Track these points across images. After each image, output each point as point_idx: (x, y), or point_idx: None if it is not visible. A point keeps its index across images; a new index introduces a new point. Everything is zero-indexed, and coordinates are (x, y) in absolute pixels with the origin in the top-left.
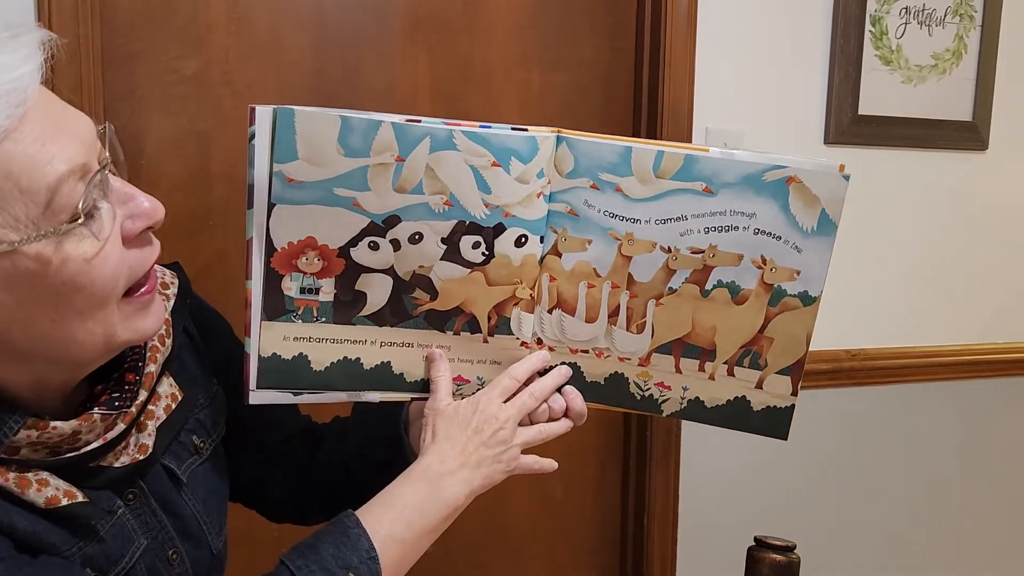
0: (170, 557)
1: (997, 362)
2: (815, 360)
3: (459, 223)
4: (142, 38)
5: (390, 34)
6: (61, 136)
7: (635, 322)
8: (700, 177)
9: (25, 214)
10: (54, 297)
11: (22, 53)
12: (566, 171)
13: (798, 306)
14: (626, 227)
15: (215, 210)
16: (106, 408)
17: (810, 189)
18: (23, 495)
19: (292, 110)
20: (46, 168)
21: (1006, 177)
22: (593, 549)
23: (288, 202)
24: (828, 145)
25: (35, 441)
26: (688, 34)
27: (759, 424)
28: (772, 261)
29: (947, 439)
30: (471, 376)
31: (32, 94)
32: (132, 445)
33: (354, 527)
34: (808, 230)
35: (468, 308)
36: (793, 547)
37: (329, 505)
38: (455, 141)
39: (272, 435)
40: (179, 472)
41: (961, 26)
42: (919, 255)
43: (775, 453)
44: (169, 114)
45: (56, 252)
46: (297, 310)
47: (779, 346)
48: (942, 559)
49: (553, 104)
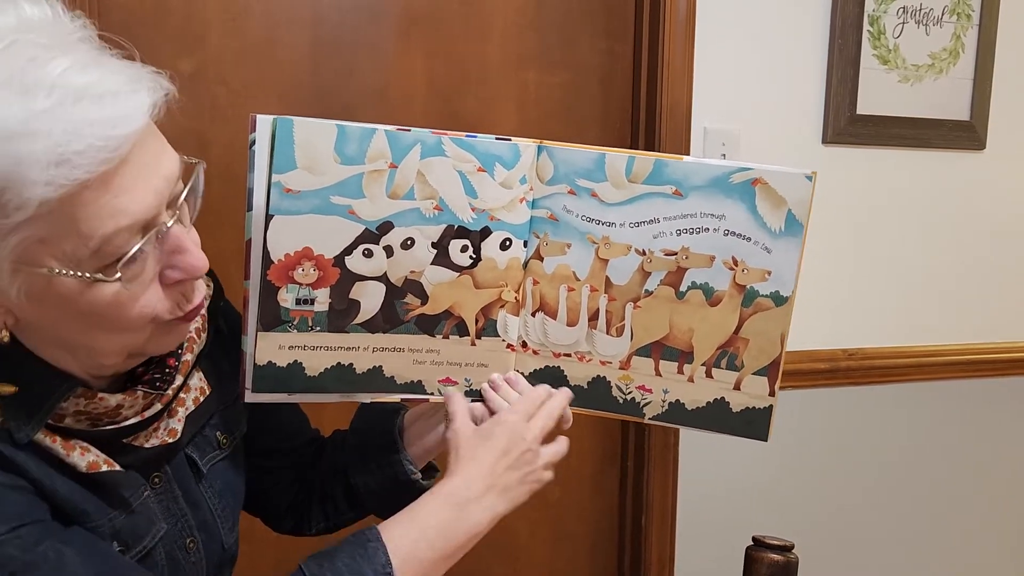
0: (187, 545)
1: (995, 361)
2: (813, 360)
3: (448, 227)
4: (138, 38)
5: (386, 34)
6: (138, 188)
7: (614, 325)
8: (670, 180)
9: (73, 251)
10: (82, 318)
11: (127, 108)
12: (546, 178)
13: (771, 307)
14: (602, 231)
15: (213, 210)
16: (148, 387)
17: (776, 190)
18: (67, 457)
19: (291, 120)
20: (108, 220)
21: (1004, 176)
22: (591, 550)
23: (286, 212)
24: (826, 145)
25: (81, 410)
26: (686, 34)
27: (739, 425)
28: (743, 262)
29: (945, 439)
30: (459, 378)
31: (122, 153)
32: (162, 429)
33: (373, 540)
34: (776, 231)
35: (457, 311)
36: (791, 547)
37: (328, 515)
38: (444, 147)
39: (284, 442)
40: (201, 464)
41: (958, 26)
42: (917, 255)
43: (773, 453)
44: (165, 113)
45: (87, 289)
46: (293, 320)
47: (755, 347)
48: (941, 559)
49: (551, 105)
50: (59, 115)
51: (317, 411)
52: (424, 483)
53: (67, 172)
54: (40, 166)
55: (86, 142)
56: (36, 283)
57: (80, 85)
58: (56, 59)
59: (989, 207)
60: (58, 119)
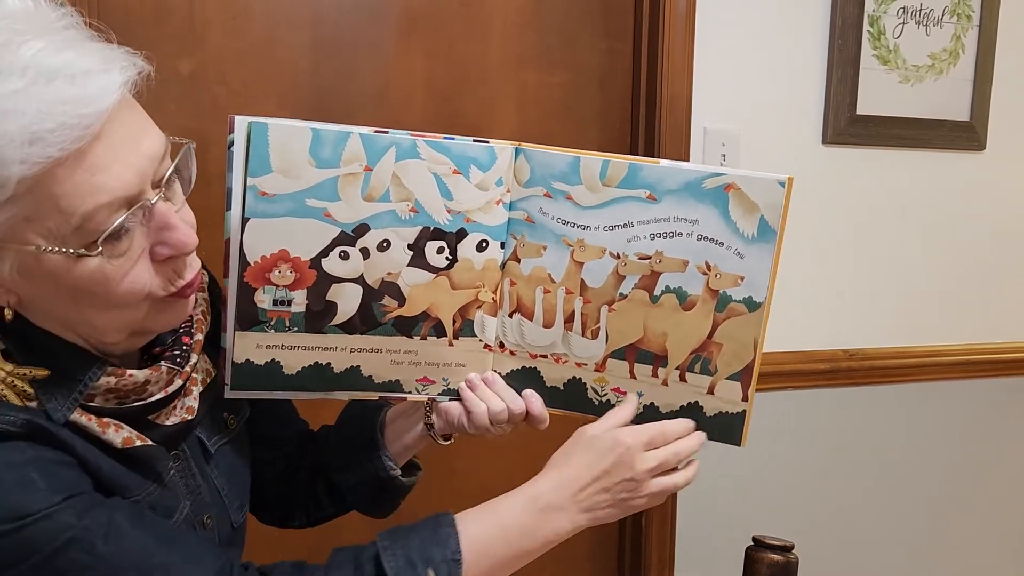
0: (204, 521)
1: (995, 362)
2: (813, 360)
3: (424, 229)
4: (138, 37)
5: (386, 34)
6: (116, 165)
7: (589, 327)
8: (644, 184)
9: (56, 228)
10: (72, 293)
11: (98, 86)
12: (524, 180)
13: (744, 312)
14: (577, 233)
15: (212, 209)
16: (170, 363)
17: (748, 196)
18: (103, 435)
19: (266, 124)
20: (87, 198)
21: (1004, 177)
22: (591, 550)
23: (261, 215)
24: (826, 145)
25: (112, 388)
26: (686, 34)
27: (713, 430)
28: (716, 267)
29: (946, 439)
30: (437, 378)
31: (94, 131)
32: (179, 407)
33: (447, 526)
34: (749, 236)
35: (434, 312)
36: (791, 547)
37: (310, 509)
38: (419, 150)
39: (274, 431)
40: (209, 444)
41: (958, 26)
42: (917, 255)
43: (773, 453)
44: (165, 113)
45: (73, 266)
46: (270, 321)
47: (728, 352)
48: (942, 559)
49: (550, 105)
50: (32, 95)
51: (315, 408)
52: (404, 480)
53: (40, 150)
54: (14, 145)
55: (57, 120)
56: (26, 260)
57: (53, 66)
58: (29, 42)
59: (989, 207)
60: (31, 99)
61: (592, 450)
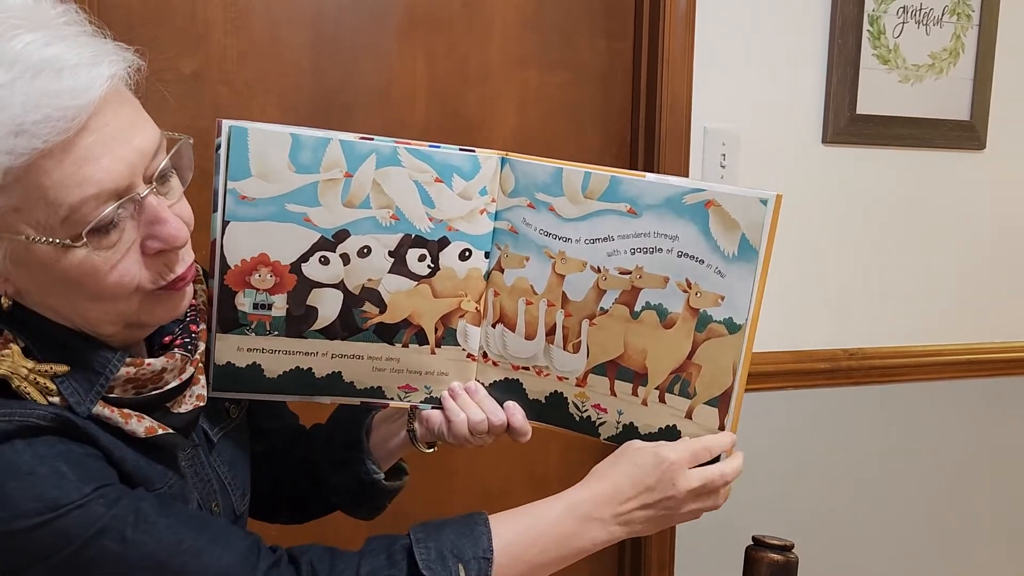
0: (212, 509)
1: (995, 361)
2: (813, 360)
3: (405, 236)
4: (140, 37)
5: (387, 34)
6: (105, 158)
7: (571, 341)
8: (625, 198)
9: (45, 219)
10: (62, 284)
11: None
12: (509, 190)
13: (724, 333)
14: (559, 245)
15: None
16: (183, 350)
17: (729, 213)
18: (126, 425)
19: (246, 128)
20: (74, 189)
21: (1004, 176)
22: None
23: (241, 219)
24: (826, 145)
25: (132, 377)
26: (686, 34)
27: None
28: (697, 285)
29: (946, 438)
30: (419, 386)
31: (80, 123)
32: (189, 395)
33: (481, 524)
34: (730, 255)
35: (416, 320)
36: (791, 546)
37: (295, 505)
38: (399, 157)
39: (267, 422)
40: (211, 433)
41: (958, 25)
42: (917, 254)
43: (773, 453)
44: (167, 112)
45: (62, 256)
46: (250, 324)
47: (707, 374)
48: (941, 559)
49: (551, 105)
50: (18, 88)
51: (314, 407)
52: (387, 484)
53: (26, 142)
54: (0, 137)
55: (42, 112)
56: (18, 250)
57: (41, 59)
58: (20, 36)
59: (989, 207)
60: (17, 92)
61: (633, 462)
